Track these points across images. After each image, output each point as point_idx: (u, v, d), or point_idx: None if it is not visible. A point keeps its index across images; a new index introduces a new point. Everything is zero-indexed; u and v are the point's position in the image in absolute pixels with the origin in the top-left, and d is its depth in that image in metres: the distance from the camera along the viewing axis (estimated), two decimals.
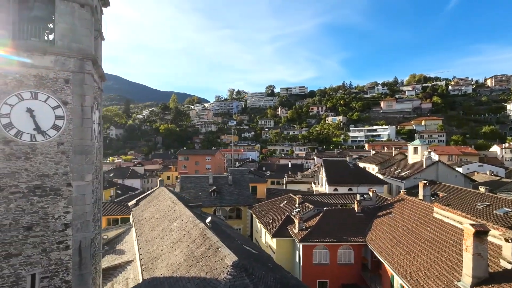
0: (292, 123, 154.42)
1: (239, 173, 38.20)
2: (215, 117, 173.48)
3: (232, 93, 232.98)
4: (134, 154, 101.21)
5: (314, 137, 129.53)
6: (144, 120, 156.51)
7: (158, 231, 16.81)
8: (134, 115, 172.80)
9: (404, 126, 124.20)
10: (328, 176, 36.99)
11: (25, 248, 9.99)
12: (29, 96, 10.09)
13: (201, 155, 69.13)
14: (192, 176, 37.73)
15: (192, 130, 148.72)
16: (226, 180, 36.17)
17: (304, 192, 40.10)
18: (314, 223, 20.43)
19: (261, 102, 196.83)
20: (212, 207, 31.97)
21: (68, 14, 10.63)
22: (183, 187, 34.17)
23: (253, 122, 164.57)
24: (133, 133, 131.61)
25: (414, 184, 34.64)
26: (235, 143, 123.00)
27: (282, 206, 25.94)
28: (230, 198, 33.61)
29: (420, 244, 15.27)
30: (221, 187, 35.05)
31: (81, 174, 10.76)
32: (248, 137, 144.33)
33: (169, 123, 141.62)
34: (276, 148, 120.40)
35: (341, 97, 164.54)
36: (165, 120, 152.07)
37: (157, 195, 25.44)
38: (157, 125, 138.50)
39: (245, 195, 34.40)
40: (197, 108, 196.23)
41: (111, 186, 50.30)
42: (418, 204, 19.83)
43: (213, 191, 33.54)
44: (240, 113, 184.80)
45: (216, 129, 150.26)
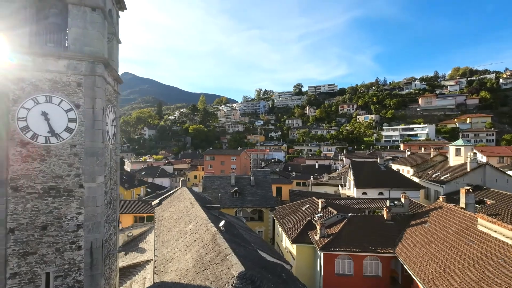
0: (321, 122, 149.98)
1: (262, 174, 37.55)
2: (242, 117, 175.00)
3: (260, 93, 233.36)
4: (165, 154, 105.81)
5: (344, 136, 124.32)
6: (175, 121, 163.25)
7: (174, 233, 16.79)
8: (166, 116, 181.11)
9: (445, 124, 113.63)
10: (356, 179, 34.77)
11: (40, 247, 10.33)
12: (44, 99, 10.40)
13: (226, 155, 69.83)
14: (215, 176, 37.96)
15: (219, 130, 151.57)
16: (249, 181, 35.75)
17: (330, 195, 38.23)
18: (337, 230, 19.02)
19: (289, 101, 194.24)
20: (233, 208, 31.75)
21: (80, 18, 10.80)
22: (206, 187, 34.44)
23: (280, 121, 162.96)
24: (164, 133, 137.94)
25: (455, 189, 31.08)
26: (261, 143, 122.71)
27: (304, 210, 24.74)
28: (251, 200, 33.12)
29: (459, 261, 13.26)
30: (243, 188, 34.70)
31: (92, 176, 10.87)
32: (275, 137, 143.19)
33: (198, 124, 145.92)
34: (303, 148, 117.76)
35: (374, 94, 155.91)
36: (194, 121, 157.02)
37: (178, 195, 25.75)
38: (187, 126, 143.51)
39: (267, 196, 33.65)
40: (225, 108, 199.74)
41: (141, 184, 52.83)
42: (459, 213, 17.44)
43: (235, 192, 33.32)
44: (267, 112, 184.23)
45: (243, 129, 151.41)
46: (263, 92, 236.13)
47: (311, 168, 68.22)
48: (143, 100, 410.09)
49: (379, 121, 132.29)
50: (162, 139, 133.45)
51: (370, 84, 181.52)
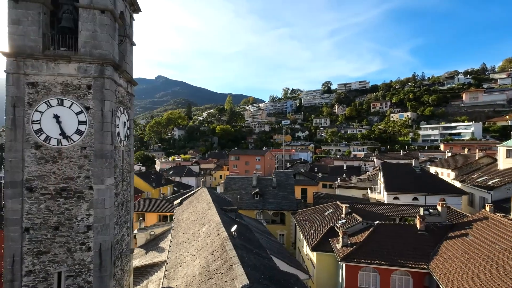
0: (351, 121, 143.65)
1: (284, 176, 36.46)
2: (268, 117, 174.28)
3: (287, 92, 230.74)
4: (193, 153, 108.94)
5: (376, 136, 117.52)
6: (203, 122, 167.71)
7: (189, 235, 16.62)
8: (195, 117, 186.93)
9: (494, 122, 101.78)
10: (387, 182, 32.15)
11: (53, 246, 10.58)
12: (56, 103, 10.62)
13: (251, 155, 69.62)
14: (236, 177, 37.74)
15: (246, 130, 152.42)
16: (271, 182, 34.90)
17: (357, 199, 35.91)
18: (362, 239, 17.42)
19: (317, 100, 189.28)
20: (254, 210, 31.16)
21: (90, 21, 10.88)
22: (227, 188, 34.30)
23: (308, 121, 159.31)
24: (193, 133, 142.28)
25: (506, 195, 27.23)
26: (288, 143, 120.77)
27: (327, 215, 23.27)
28: (273, 202, 32.23)
29: (509, 285, 11.16)
30: (264, 189, 33.96)
31: (101, 178, 10.90)
32: (302, 137, 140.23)
33: (225, 124, 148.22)
34: (331, 148, 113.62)
35: (410, 90, 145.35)
36: (221, 121, 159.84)
37: (198, 196, 25.81)
38: (214, 126, 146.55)
39: (289, 199, 32.52)
40: (252, 108, 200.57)
41: (168, 183, 54.64)
42: (510, 226, 14.90)
43: (256, 193, 32.71)
44: (294, 112, 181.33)
45: (269, 129, 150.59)
46: (290, 91, 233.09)
47: (339, 169, 65.24)
48: (175, 102, 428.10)
49: (415, 119, 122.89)
50: (190, 139, 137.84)
51: (406, 79, 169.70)
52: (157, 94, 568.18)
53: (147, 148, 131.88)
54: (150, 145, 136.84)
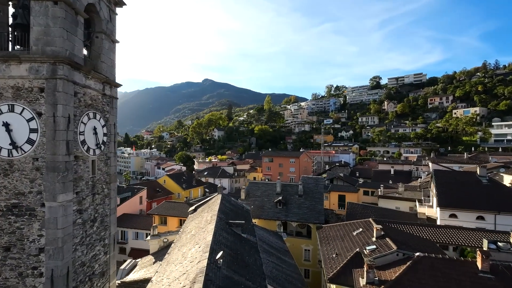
0: (403, 118, 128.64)
1: (313, 182, 32.57)
2: (310, 116, 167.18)
3: (330, 89, 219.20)
4: (230, 154, 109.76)
5: (434, 135, 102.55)
6: (243, 122, 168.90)
7: (180, 254, 14.70)
8: (236, 117, 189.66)
9: None
10: (440, 194, 26.06)
11: (3, 269, 9.47)
12: (7, 109, 9.46)
13: (285, 157, 66.16)
14: (260, 182, 35.14)
15: (285, 130, 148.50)
16: (297, 189, 31.46)
17: (401, 214, 30.18)
18: (395, 275, 13.28)
19: (363, 96, 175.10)
20: (275, 221, 28.20)
21: (42, 15, 9.49)
22: (248, 194, 31.97)
23: (352, 119, 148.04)
24: (232, 134, 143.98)
25: None
26: (329, 143, 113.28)
27: (355, 235, 19.19)
28: (297, 212, 28.78)
29: None
30: (289, 197, 30.68)
31: (53, 194, 9.46)
32: (345, 137, 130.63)
33: (263, 124, 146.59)
34: (378, 149, 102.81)
35: (479, 81, 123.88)
36: (260, 122, 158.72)
37: (210, 204, 24.01)
38: (252, 127, 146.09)
39: (316, 209, 28.67)
40: (292, 108, 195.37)
41: (198, 185, 54.77)
42: None
43: (278, 201, 29.67)
44: (338, 110, 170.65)
45: (309, 128, 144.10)
46: (334, 88, 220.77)
47: (384, 174, 57.64)
48: (219, 103, 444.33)
49: (485, 115, 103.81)
50: (229, 139, 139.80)
51: (474, 69, 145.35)
52: (204, 96, 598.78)
53: (190, 148, 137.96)
54: (192, 145, 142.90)
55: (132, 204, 37.90)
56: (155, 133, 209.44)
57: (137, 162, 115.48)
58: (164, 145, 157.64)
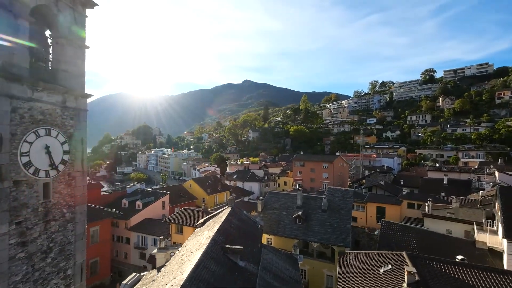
0: (462, 116, 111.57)
1: (341, 196, 28.36)
2: (350, 115, 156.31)
3: (375, 85, 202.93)
4: (264, 156, 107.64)
5: (503, 136, 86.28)
6: (279, 123, 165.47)
7: (165, 281, 12.80)
8: (272, 118, 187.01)
9: None
10: (507, 221, 19.99)
11: None
12: None
13: (317, 161, 61.29)
14: (280, 193, 31.98)
15: (323, 130, 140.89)
16: (320, 203, 27.69)
17: (455, 240, 24.27)
18: None
19: (413, 92, 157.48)
20: (293, 239, 24.97)
21: None
22: (266, 206, 29.22)
23: (400, 118, 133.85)
24: (266, 135, 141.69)
25: None
26: (371, 145, 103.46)
27: (382, 274, 15.15)
28: (319, 231, 25.05)
29: None
30: (310, 212, 27.09)
31: None
32: (391, 138, 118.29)
33: (299, 125, 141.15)
34: (430, 152, 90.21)
35: None
36: (296, 122, 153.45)
37: (216, 219, 21.97)
38: (288, 127, 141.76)
39: (341, 229, 24.59)
40: (332, 106, 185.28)
41: (224, 189, 53.61)
42: None
43: (298, 217, 26.32)
44: (383, 108, 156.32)
45: (350, 128, 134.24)
46: (380, 84, 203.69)
47: (435, 183, 49.29)
48: (258, 104, 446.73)
49: None
50: (264, 141, 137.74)
51: None
52: (244, 97, 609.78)
53: (225, 149, 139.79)
54: (228, 146, 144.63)
55: (154, 209, 38.14)
56: (195, 134, 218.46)
57: (175, 162, 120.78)
58: (201, 146, 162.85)
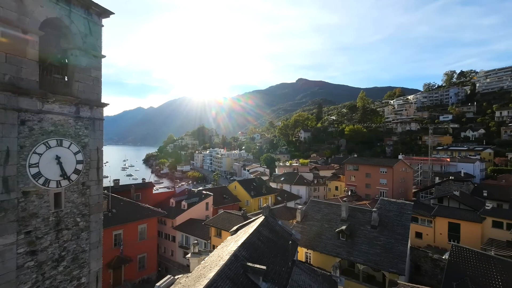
0: None
1: (396, 210, 23.87)
2: (419, 112, 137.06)
3: (451, 76, 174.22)
4: (316, 157, 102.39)
5: None
6: (333, 122, 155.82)
7: None
8: (326, 117, 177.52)
9: None
10: None
11: None
12: None
13: (373, 165, 54.46)
14: (323, 202, 28.76)
15: (384, 130, 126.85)
16: (369, 217, 23.83)
17: None
18: None
19: (504, 82, 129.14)
20: (334, 258, 21.96)
21: None
22: (306, 216, 26.66)
23: (485, 114, 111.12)
24: (319, 135, 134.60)
25: None
26: (445, 147, 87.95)
27: None
28: (366, 250, 21.37)
29: None
30: (357, 227, 23.49)
31: None
32: (472, 138, 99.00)
33: (356, 124, 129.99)
34: None
35: None
36: (352, 121, 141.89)
37: (248, 228, 20.68)
38: (343, 127, 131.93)
39: (395, 251, 20.45)
40: (396, 102, 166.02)
41: (269, 192, 52.12)
42: None
43: (341, 232, 23.07)
44: (461, 103, 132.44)
45: (417, 127, 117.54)
46: (458, 74, 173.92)
47: None
48: (313, 103, 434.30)
49: None
50: (316, 141, 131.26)
51: None
52: (297, 96, 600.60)
53: (275, 150, 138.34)
54: (278, 147, 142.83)
55: (198, 209, 39.24)
56: (248, 135, 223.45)
57: (228, 162, 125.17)
58: (253, 146, 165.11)
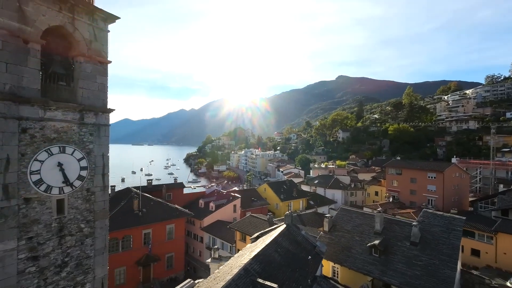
0: None
1: (443, 225, 20.27)
2: (479, 108, 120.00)
3: None
4: (354, 159, 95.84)
5: None
6: (375, 121, 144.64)
7: None
8: (367, 116, 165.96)
9: None
10: None
11: None
12: None
13: (419, 169, 48.27)
14: (354, 211, 25.87)
15: (435, 129, 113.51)
16: (409, 231, 20.70)
17: None
18: None
19: None
20: (365, 276, 19.48)
21: None
22: (335, 226, 24.34)
23: None
24: (358, 135, 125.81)
25: None
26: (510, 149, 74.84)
27: None
28: (404, 271, 18.42)
29: None
30: (393, 243, 20.53)
31: None
32: None
33: (402, 123, 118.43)
34: None
35: None
36: (397, 119, 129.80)
37: (266, 238, 19.44)
38: (386, 126, 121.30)
39: (440, 274, 17.20)
40: (450, 98, 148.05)
41: (300, 196, 49.75)
42: None
43: (374, 247, 20.39)
44: None
45: (477, 126, 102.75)
46: None
47: None
48: (354, 101, 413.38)
49: None
50: (355, 142, 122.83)
51: None
52: (337, 94, 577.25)
53: (312, 150, 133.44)
54: (315, 147, 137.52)
55: (226, 211, 39.10)
56: (284, 135, 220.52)
57: (262, 163, 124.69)
58: (288, 147, 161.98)
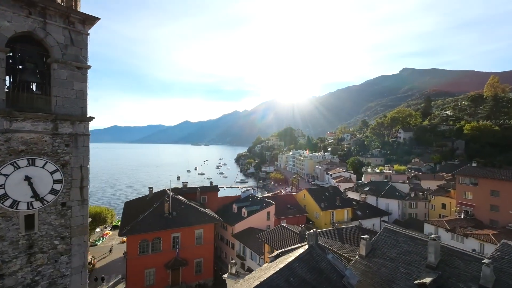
0: None
1: None
2: None
3: None
4: (418, 163, 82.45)
5: None
6: (446, 118, 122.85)
7: None
8: (437, 112, 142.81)
9: None
10: None
11: None
12: None
13: (505, 180, 37.37)
14: (402, 233, 20.54)
15: None
16: (477, 270, 15.22)
17: None
18: None
19: None
20: None
21: None
22: (375, 251, 19.87)
23: None
24: (424, 135, 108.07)
25: None
26: None
27: None
28: None
29: None
30: (452, 284, 15.32)
31: None
32: None
33: (482, 120, 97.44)
34: None
35: None
36: (477, 116, 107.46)
37: (283, 260, 16.63)
38: (461, 124, 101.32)
39: None
40: None
41: (344, 206, 44.16)
42: None
43: (423, 286, 15.57)
44: None
45: None
46: None
47: None
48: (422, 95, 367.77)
49: None
50: (420, 143, 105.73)
51: None
52: (401, 89, 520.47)
53: (366, 152, 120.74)
54: (370, 149, 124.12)
55: (259, 218, 37.04)
56: (337, 135, 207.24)
57: (310, 165, 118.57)
58: (340, 148, 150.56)
